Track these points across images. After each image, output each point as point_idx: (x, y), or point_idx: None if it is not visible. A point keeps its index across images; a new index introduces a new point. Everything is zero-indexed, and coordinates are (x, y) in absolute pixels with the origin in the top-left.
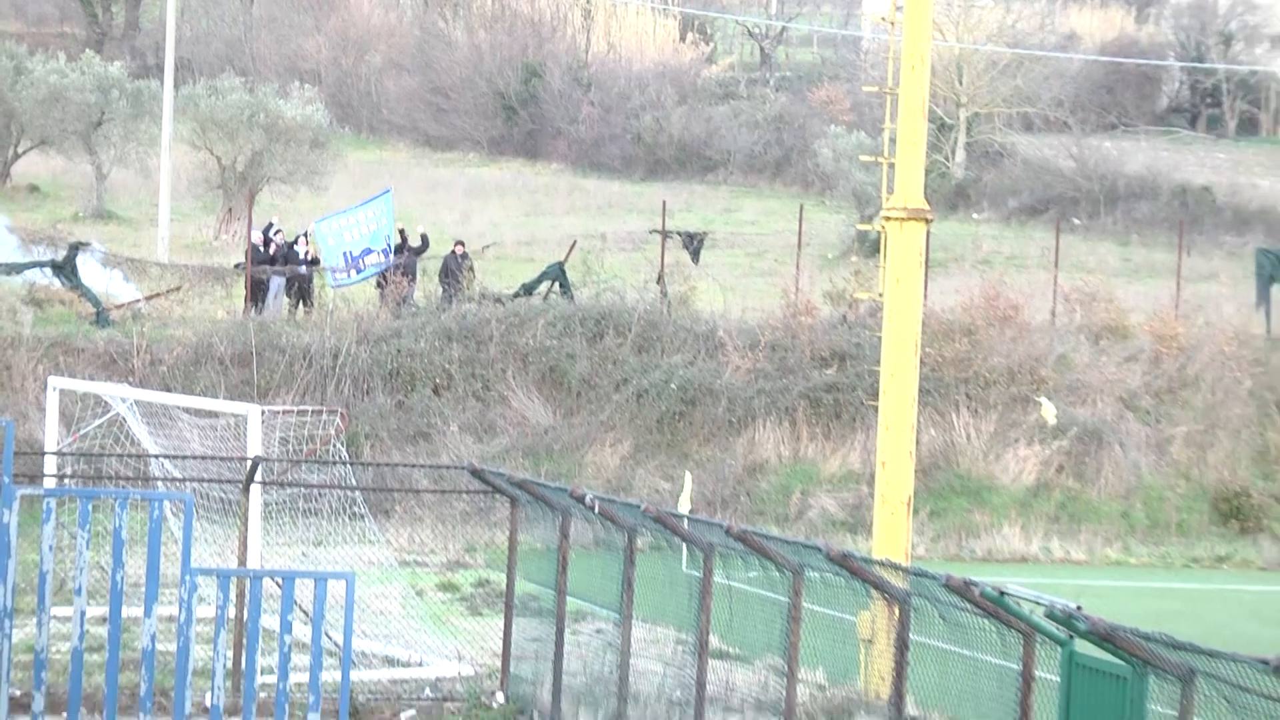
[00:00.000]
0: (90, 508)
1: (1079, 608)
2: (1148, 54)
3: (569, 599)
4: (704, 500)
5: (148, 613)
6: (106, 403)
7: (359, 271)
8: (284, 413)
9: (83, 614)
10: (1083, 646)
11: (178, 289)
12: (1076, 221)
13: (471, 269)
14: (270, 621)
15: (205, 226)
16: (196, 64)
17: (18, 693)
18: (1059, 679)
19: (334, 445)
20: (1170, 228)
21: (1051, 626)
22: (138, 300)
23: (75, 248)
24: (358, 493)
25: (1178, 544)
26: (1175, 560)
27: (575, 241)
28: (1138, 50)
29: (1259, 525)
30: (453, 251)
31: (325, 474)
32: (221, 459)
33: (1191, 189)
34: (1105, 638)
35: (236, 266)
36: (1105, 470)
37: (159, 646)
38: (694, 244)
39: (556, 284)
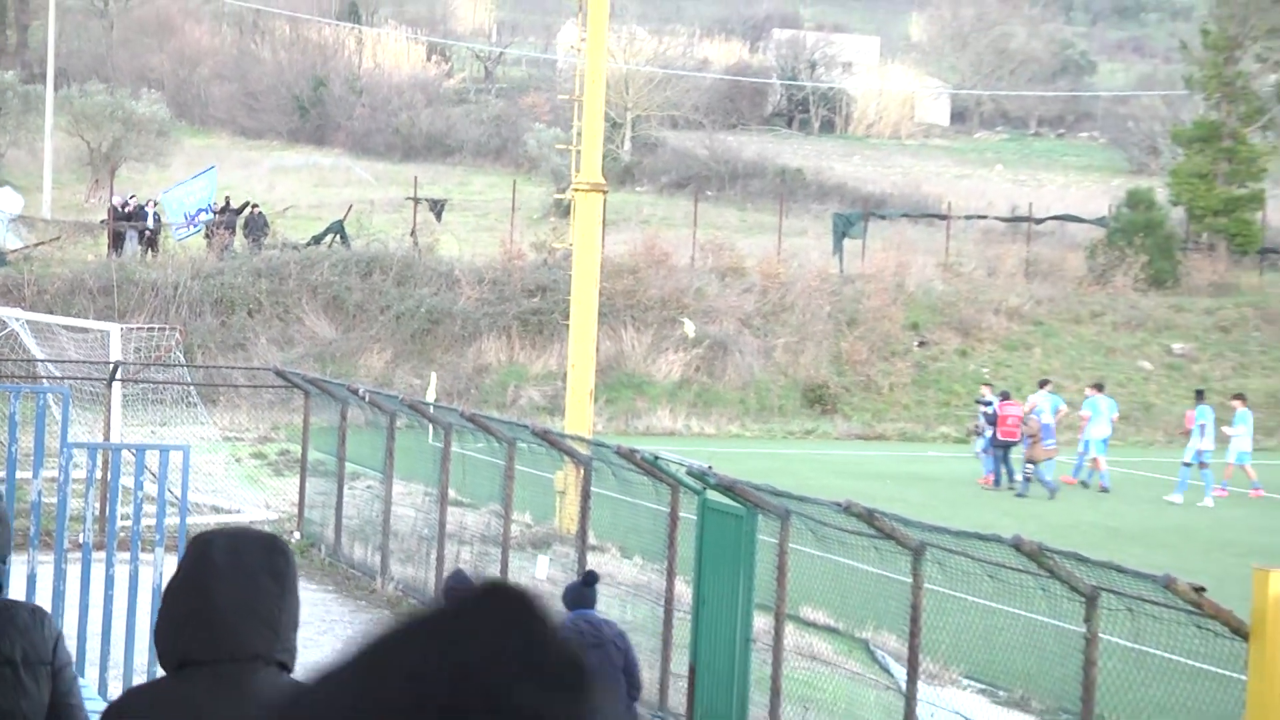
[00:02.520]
0: None
1: (710, 467)
2: (758, 74)
3: (347, 464)
4: (445, 392)
5: (35, 475)
6: (4, 321)
7: (194, 226)
8: (137, 329)
9: None
10: (712, 495)
11: (58, 238)
12: (709, 193)
13: (266, 224)
14: (127, 481)
15: (78, 193)
16: (71, 73)
17: None
18: (696, 518)
19: (174, 353)
20: (774, 198)
21: (690, 481)
22: (28, 246)
23: None
24: (192, 388)
25: (779, 421)
26: (777, 433)
27: (351, 205)
28: (751, 71)
29: (835, 408)
30: (250, 213)
31: (168, 374)
32: (91, 363)
33: (789, 170)
34: (728, 488)
35: (101, 222)
36: (729, 370)
37: (44, 500)
38: (437, 208)
39: (338, 236)
